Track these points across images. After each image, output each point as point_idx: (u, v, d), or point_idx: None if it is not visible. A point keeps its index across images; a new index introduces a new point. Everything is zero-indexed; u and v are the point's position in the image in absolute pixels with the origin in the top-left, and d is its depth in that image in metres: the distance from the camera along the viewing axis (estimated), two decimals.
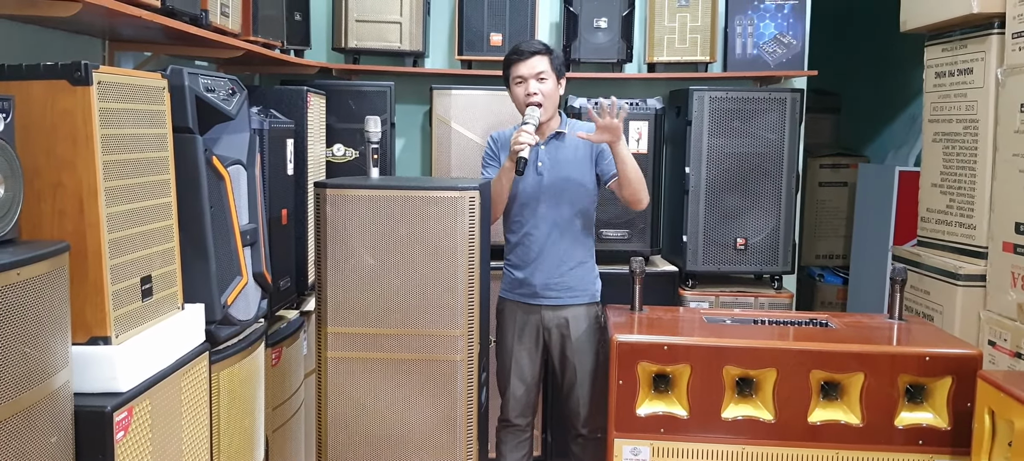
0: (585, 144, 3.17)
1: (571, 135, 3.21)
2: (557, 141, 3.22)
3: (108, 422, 1.73)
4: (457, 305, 2.68)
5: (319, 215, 2.68)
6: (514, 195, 3.16)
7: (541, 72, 3.11)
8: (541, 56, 3.12)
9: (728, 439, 2.67)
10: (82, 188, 1.77)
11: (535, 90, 3.10)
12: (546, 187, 3.16)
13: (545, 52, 3.14)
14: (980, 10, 3.18)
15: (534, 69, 3.11)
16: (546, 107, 3.12)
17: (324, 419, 2.76)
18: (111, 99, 1.82)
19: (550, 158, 3.20)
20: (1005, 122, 3.11)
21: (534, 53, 3.12)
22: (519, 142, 2.96)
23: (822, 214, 5.93)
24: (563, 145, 3.21)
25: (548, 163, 3.19)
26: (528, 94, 3.10)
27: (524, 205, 3.19)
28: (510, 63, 3.17)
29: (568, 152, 3.20)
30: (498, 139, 3.29)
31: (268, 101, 3.15)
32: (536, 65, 3.11)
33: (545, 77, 3.11)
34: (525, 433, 3.37)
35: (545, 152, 3.20)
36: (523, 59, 3.12)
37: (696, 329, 2.88)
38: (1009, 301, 3.04)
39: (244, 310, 2.43)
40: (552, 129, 3.21)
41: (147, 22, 2.32)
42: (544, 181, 3.17)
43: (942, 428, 2.59)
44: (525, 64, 3.12)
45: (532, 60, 3.11)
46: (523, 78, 3.12)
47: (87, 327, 1.80)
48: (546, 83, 3.12)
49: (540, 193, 3.17)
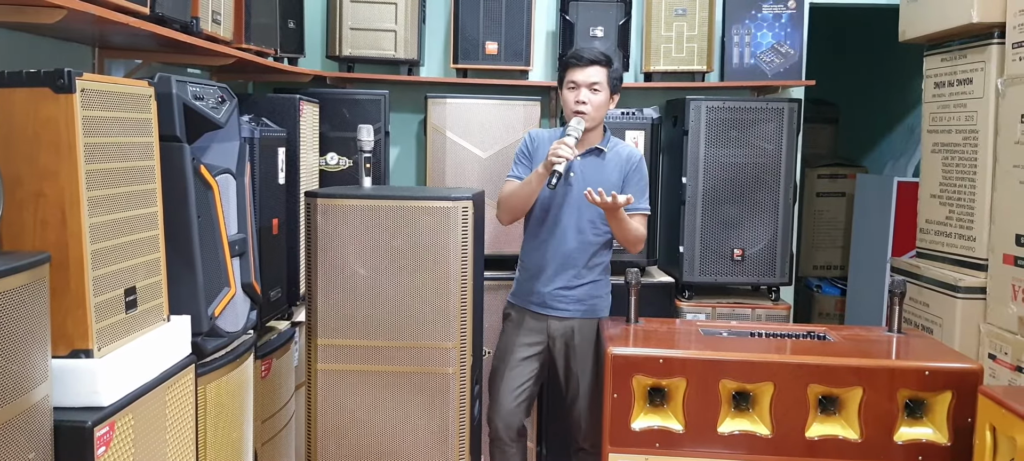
0: (619, 166, 3.12)
1: (611, 154, 3.15)
2: (595, 156, 3.15)
3: (89, 437, 1.69)
4: (450, 317, 2.64)
5: (310, 225, 2.65)
6: (538, 200, 3.10)
7: (596, 83, 3.05)
8: (599, 66, 3.06)
9: (724, 454, 2.63)
10: (64, 198, 1.73)
11: (585, 99, 3.04)
12: (574, 198, 3.10)
13: (605, 63, 3.07)
14: (980, 20, 3.15)
15: (589, 78, 3.05)
16: (592, 118, 3.06)
17: (314, 432, 2.72)
18: (95, 107, 1.79)
19: (584, 173, 3.12)
20: (1005, 133, 3.08)
21: (593, 62, 3.06)
22: (557, 155, 2.88)
23: (820, 225, 5.90)
24: (601, 163, 3.15)
25: (580, 175, 3.12)
26: (577, 102, 3.04)
27: (548, 211, 3.13)
28: (566, 66, 3.11)
29: (604, 171, 3.13)
30: (536, 138, 3.21)
31: (260, 109, 3.12)
32: (592, 75, 3.05)
33: (599, 89, 3.06)
34: (512, 447, 3.26)
35: (580, 165, 3.13)
36: (580, 66, 3.06)
37: (692, 342, 2.84)
38: (1010, 314, 3.01)
39: (232, 322, 2.39)
40: (592, 143, 3.15)
41: (136, 30, 2.29)
42: (573, 192, 3.10)
43: (942, 444, 2.56)
44: (582, 71, 3.06)
45: (589, 69, 3.05)
46: (576, 84, 3.06)
47: (69, 340, 1.76)
48: (599, 95, 3.06)
49: (567, 203, 3.11)
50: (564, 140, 2.92)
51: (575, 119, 3.02)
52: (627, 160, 3.16)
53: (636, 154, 3.20)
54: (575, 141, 2.95)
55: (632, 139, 3.76)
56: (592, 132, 3.12)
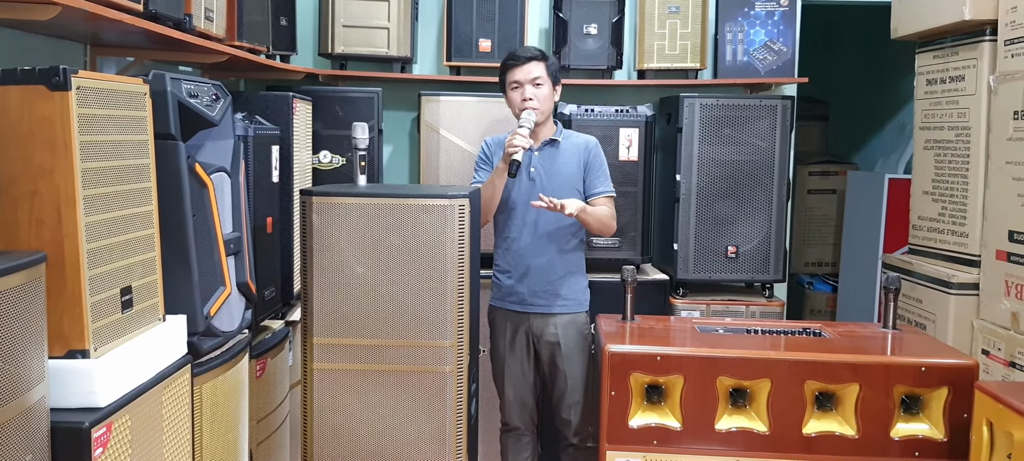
0: (577, 154, 3.20)
1: (565, 143, 3.21)
2: (551, 148, 3.22)
3: (86, 438, 1.67)
4: (446, 316, 2.63)
5: (305, 223, 2.63)
6: (505, 200, 3.17)
7: (537, 78, 3.14)
8: (537, 62, 3.16)
9: (722, 451, 2.63)
10: (60, 196, 1.71)
11: (530, 96, 3.13)
12: (537, 193, 3.13)
13: (541, 58, 3.18)
14: (972, 17, 3.16)
15: (530, 74, 3.14)
16: (541, 111, 3.15)
17: (310, 432, 2.70)
18: (90, 105, 1.77)
19: (543, 165, 3.19)
20: (998, 129, 3.09)
21: (530, 59, 3.16)
22: (513, 145, 3.00)
23: (811, 222, 5.92)
24: (557, 152, 3.22)
25: (541, 170, 3.19)
26: (524, 99, 3.14)
27: (515, 211, 3.19)
28: (506, 68, 3.20)
29: (561, 161, 3.21)
30: (491, 144, 3.29)
31: (253, 107, 3.11)
32: (532, 71, 3.15)
33: (541, 83, 3.15)
34: (526, 436, 3.37)
35: (538, 159, 3.20)
36: (519, 64, 3.16)
37: (689, 339, 2.84)
38: (1003, 310, 3.02)
39: (228, 321, 2.37)
40: (546, 136, 3.22)
41: (129, 26, 2.27)
42: (536, 187, 3.15)
43: (938, 439, 2.56)
44: (521, 69, 3.15)
45: (528, 66, 3.15)
46: (519, 83, 3.15)
47: (65, 340, 1.74)
48: (541, 88, 3.15)
49: (530, 198, 3.15)
50: (517, 131, 3.04)
51: (525, 112, 3.13)
52: (584, 148, 3.24)
53: (592, 141, 3.28)
54: (528, 131, 3.06)
55: (626, 137, 3.76)
56: (543, 126, 3.22)
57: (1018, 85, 2.96)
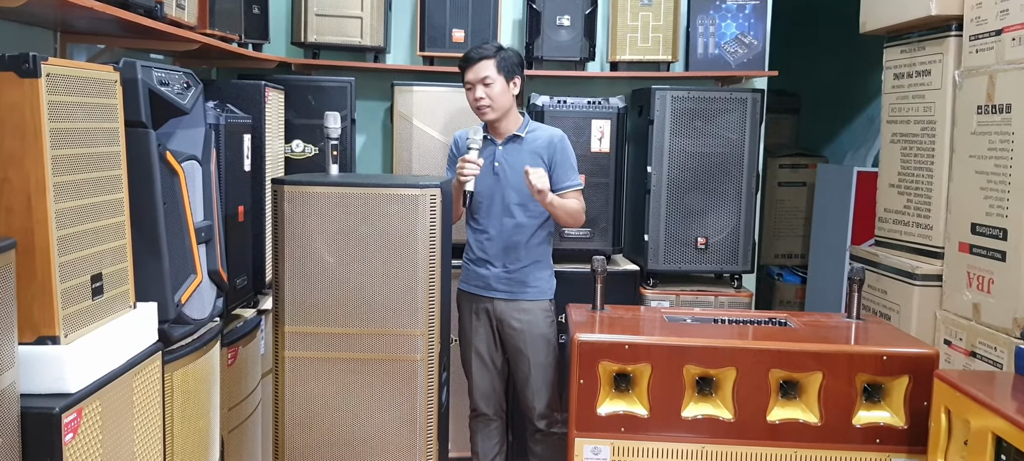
0: (543, 148, 3.20)
1: (530, 137, 3.22)
2: (515, 143, 3.24)
3: (56, 424, 1.68)
4: (417, 304, 2.65)
5: (277, 212, 2.64)
6: (473, 192, 3.17)
7: (486, 77, 3.14)
8: (486, 61, 3.14)
9: (688, 438, 2.67)
10: (30, 183, 1.72)
11: (481, 95, 3.15)
12: (503, 187, 3.19)
13: (491, 56, 3.15)
14: (938, 12, 3.21)
15: (479, 75, 3.14)
16: (494, 109, 3.16)
17: (282, 419, 2.72)
18: (61, 92, 1.77)
19: (507, 159, 3.21)
20: (962, 123, 3.15)
21: (480, 58, 3.15)
22: (463, 174, 3.04)
23: (781, 214, 5.98)
24: (521, 147, 3.24)
25: (505, 164, 3.21)
26: (475, 100, 3.16)
27: (481, 204, 3.23)
28: (461, 69, 3.21)
29: (525, 154, 3.22)
30: (458, 140, 3.32)
31: (225, 95, 3.10)
32: (481, 70, 3.14)
33: (491, 81, 3.14)
34: (494, 422, 3.42)
35: (503, 153, 3.22)
36: (469, 66, 3.17)
37: (657, 328, 2.88)
38: (965, 301, 3.08)
39: (199, 309, 2.37)
40: (511, 130, 3.23)
41: (100, 13, 2.26)
42: (500, 181, 3.19)
43: (899, 427, 2.62)
44: (471, 70, 3.16)
45: (477, 66, 3.15)
46: (471, 84, 3.17)
47: (35, 326, 1.75)
48: (493, 87, 3.14)
49: (496, 193, 3.19)
50: (466, 157, 3.06)
51: (473, 128, 3.17)
52: (549, 142, 3.24)
53: (558, 133, 3.28)
54: (477, 153, 3.07)
55: (598, 128, 3.78)
56: (506, 120, 3.23)
57: (982, 80, 3.02)
